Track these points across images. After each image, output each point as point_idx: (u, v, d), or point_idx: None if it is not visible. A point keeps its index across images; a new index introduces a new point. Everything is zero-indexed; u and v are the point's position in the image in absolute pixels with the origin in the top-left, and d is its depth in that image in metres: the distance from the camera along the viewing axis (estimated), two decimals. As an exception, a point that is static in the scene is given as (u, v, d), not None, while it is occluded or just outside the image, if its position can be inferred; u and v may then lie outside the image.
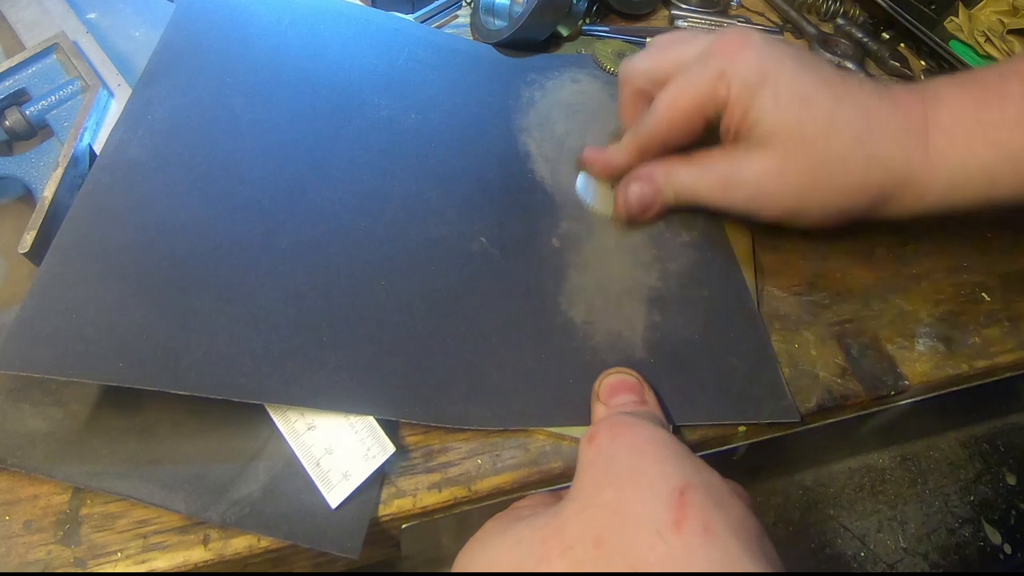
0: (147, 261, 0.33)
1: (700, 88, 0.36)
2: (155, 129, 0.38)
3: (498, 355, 0.35)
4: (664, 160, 0.40)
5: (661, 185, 0.39)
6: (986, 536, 0.45)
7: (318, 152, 0.41)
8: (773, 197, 0.37)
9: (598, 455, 0.28)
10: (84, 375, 0.30)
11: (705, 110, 0.37)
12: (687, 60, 0.38)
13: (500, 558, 0.27)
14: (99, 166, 0.36)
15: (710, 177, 0.38)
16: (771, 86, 0.35)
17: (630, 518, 0.25)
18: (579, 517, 0.26)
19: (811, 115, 0.35)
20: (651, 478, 0.26)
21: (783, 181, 0.36)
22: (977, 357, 0.40)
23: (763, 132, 0.36)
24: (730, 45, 0.37)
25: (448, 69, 0.48)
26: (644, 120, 0.39)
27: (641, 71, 0.40)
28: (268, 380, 0.32)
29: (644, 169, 0.40)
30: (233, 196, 0.37)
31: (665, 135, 0.38)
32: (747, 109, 0.36)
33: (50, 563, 0.29)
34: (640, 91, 0.41)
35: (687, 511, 0.24)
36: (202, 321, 0.32)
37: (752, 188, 0.37)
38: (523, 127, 0.46)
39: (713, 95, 0.36)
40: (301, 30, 0.46)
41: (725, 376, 0.36)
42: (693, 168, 0.39)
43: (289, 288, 0.35)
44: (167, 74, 0.40)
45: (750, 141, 0.37)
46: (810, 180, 0.36)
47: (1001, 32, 0.56)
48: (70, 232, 0.33)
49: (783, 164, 0.36)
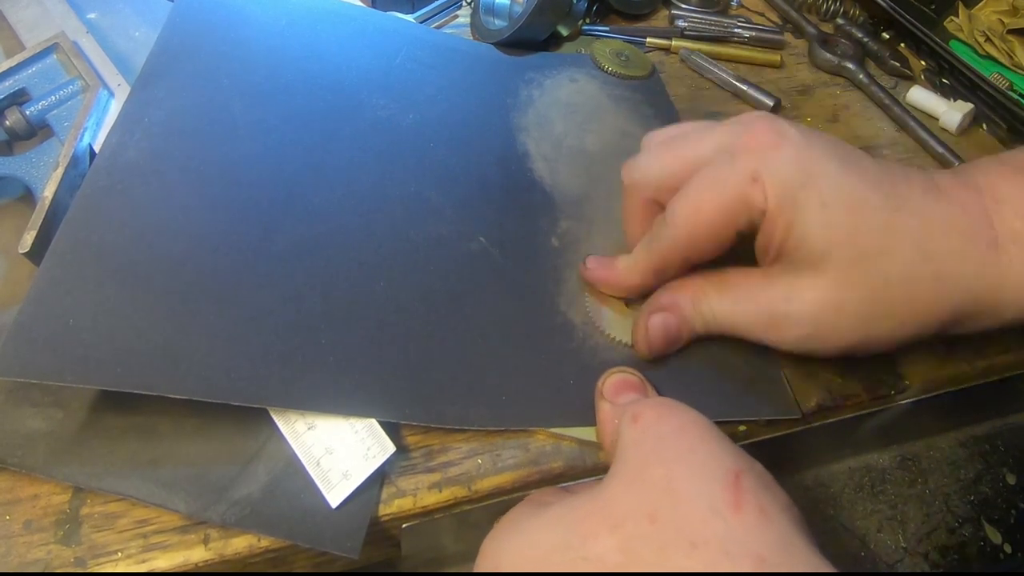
0: (145, 265, 0.33)
1: (729, 194, 0.31)
2: (152, 131, 0.38)
3: (497, 356, 0.35)
4: (690, 282, 0.34)
5: (689, 316, 0.34)
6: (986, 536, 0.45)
7: (316, 153, 0.40)
8: (832, 334, 0.32)
9: (643, 434, 0.28)
10: (82, 380, 0.30)
11: (736, 221, 0.31)
12: (705, 157, 0.32)
13: (537, 539, 0.26)
14: (96, 169, 0.36)
15: (750, 310, 0.33)
16: (817, 190, 0.30)
17: (684, 495, 0.25)
18: (627, 493, 0.26)
19: (867, 225, 0.30)
20: (701, 458, 0.26)
21: (843, 312, 0.31)
22: (977, 357, 0.40)
23: (812, 250, 0.30)
24: (761, 140, 0.31)
25: (446, 69, 0.48)
26: (660, 233, 0.33)
27: (650, 178, 0.34)
28: (267, 383, 0.31)
29: (667, 296, 0.35)
30: (230, 198, 0.37)
31: (686, 251, 0.33)
32: (791, 222, 0.30)
33: (50, 563, 0.29)
34: (650, 201, 0.35)
35: (744, 494, 0.24)
36: (200, 324, 0.32)
37: (807, 326, 0.31)
38: (522, 126, 0.46)
39: (746, 202, 0.31)
40: (298, 30, 0.46)
41: (725, 374, 0.36)
42: (728, 297, 0.33)
43: (288, 290, 0.35)
44: (164, 76, 0.40)
45: (797, 262, 0.31)
46: (873, 311, 0.31)
47: (1001, 32, 0.56)
48: (67, 236, 0.33)
49: (840, 293, 0.30)
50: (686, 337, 0.35)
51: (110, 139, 0.37)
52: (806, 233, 0.30)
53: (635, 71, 0.52)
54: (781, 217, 0.30)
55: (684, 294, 0.34)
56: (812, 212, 0.30)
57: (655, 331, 0.34)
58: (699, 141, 0.33)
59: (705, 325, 0.34)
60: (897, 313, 0.31)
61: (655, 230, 0.34)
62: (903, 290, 0.31)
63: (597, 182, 0.44)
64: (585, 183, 0.44)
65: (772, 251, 0.32)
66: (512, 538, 0.27)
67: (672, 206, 0.32)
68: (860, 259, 0.30)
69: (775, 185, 0.30)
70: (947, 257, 0.31)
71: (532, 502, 0.30)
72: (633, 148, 0.46)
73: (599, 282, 0.37)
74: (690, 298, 0.34)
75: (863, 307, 0.31)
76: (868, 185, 0.31)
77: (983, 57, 0.56)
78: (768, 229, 0.31)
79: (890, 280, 0.30)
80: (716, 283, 0.34)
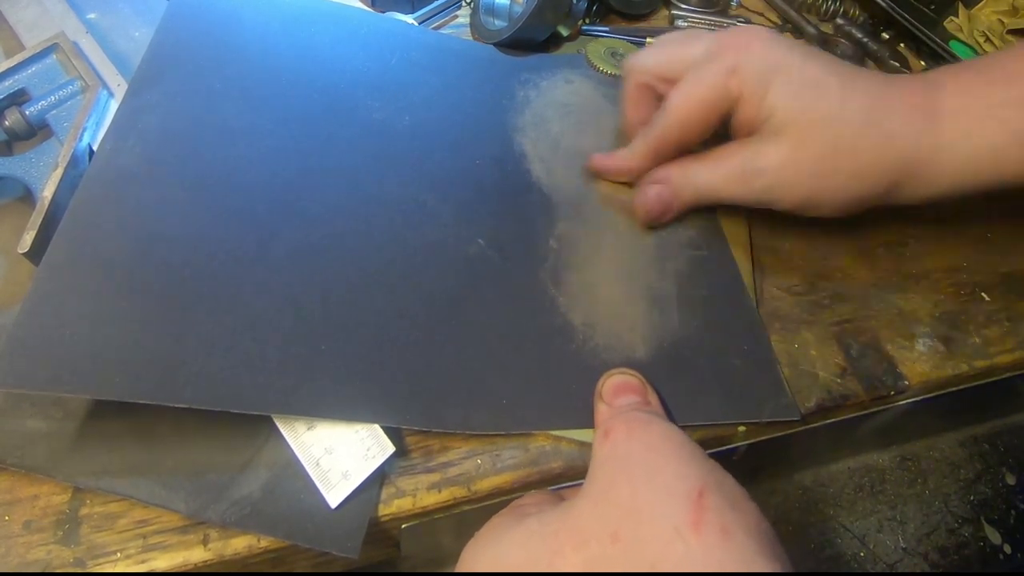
0: (141, 273, 0.33)
1: (713, 84, 0.37)
2: (146, 137, 0.37)
3: (497, 358, 0.35)
4: (678, 161, 0.40)
5: (678, 185, 0.40)
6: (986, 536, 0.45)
7: (312, 157, 0.40)
8: (790, 185, 0.37)
9: (613, 451, 0.28)
10: (80, 391, 0.29)
11: (719, 106, 0.37)
12: (694, 58, 0.38)
13: (511, 553, 0.27)
14: (89, 177, 0.35)
15: (727, 170, 0.38)
16: (782, 75, 0.36)
17: (647, 515, 0.25)
18: (594, 512, 0.26)
19: (822, 98, 0.36)
20: (668, 477, 0.26)
21: (799, 168, 0.36)
22: (977, 357, 0.40)
23: (778, 120, 0.36)
24: (738, 40, 0.37)
25: (441, 70, 0.48)
26: (656, 121, 0.39)
27: (647, 66, 0.40)
28: (267, 390, 0.31)
29: (660, 172, 0.40)
30: (226, 204, 0.37)
31: (679, 134, 0.39)
32: (761, 100, 0.36)
33: (50, 563, 0.29)
34: (644, 86, 0.41)
35: (705, 513, 0.25)
36: (198, 333, 0.32)
37: (770, 177, 0.37)
38: (518, 127, 0.46)
39: (726, 90, 0.36)
40: (292, 33, 0.46)
41: (725, 376, 0.36)
42: (709, 164, 0.39)
43: (286, 296, 0.34)
44: (157, 81, 0.40)
45: (764, 131, 0.37)
46: (824, 165, 0.36)
47: (1001, 32, 0.56)
48: (62, 245, 0.33)
49: (798, 150, 0.36)
50: (678, 205, 0.40)
51: (104, 146, 0.36)
52: (774, 106, 0.36)
53: None
54: (753, 97, 0.36)
55: (675, 168, 0.40)
56: (778, 90, 0.36)
57: (651, 198, 0.40)
58: (691, 44, 0.39)
59: (693, 193, 0.40)
60: (843, 169, 0.36)
61: (653, 120, 0.39)
62: (849, 150, 0.36)
63: (594, 182, 0.44)
64: (582, 183, 0.43)
65: (746, 127, 0.38)
66: (487, 549, 0.28)
67: (667, 99, 0.38)
68: (814, 124, 0.36)
69: (750, 73, 0.36)
70: (889, 124, 0.36)
71: (513, 511, 0.30)
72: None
73: (606, 169, 0.43)
74: (679, 171, 0.40)
75: (816, 164, 0.36)
76: (826, 71, 0.37)
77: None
78: (743, 109, 0.37)
79: (839, 142, 0.36)
80: (698, 157, 0.40)
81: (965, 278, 0.43)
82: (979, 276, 0.43)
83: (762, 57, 0.36)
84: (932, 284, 0.42)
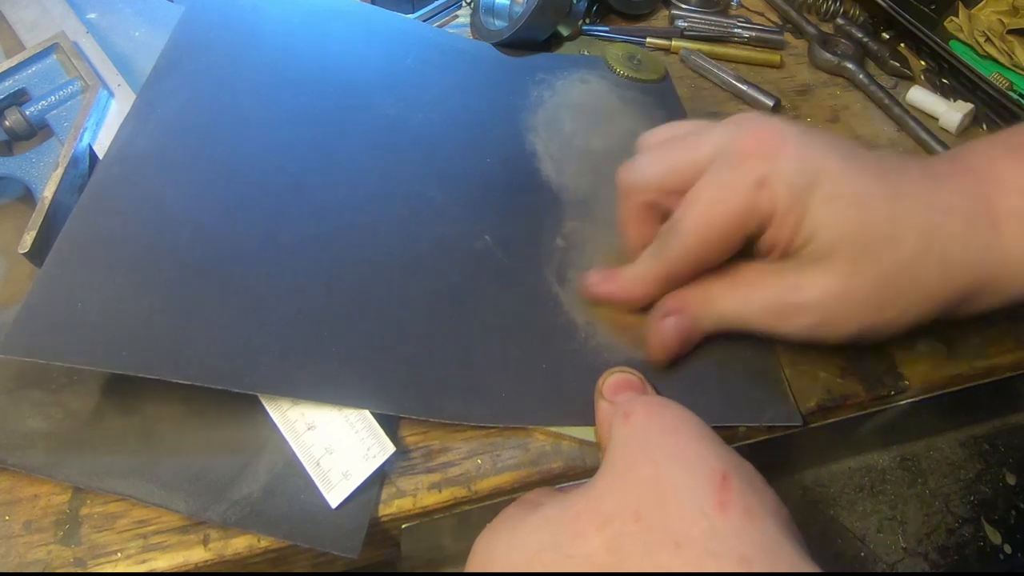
0: (153, 253, 0.34)
1: (739, 202, 0.31)
2: (164, 124, 0.38)
3: (499, 353, 0.35)
4: (695, 284, 0.35)
5: (699, 316, 0.34)
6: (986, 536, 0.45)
7: (323, 150, 0.41)
8: (841, 321, 0.32)
9: (632, 432, 0.28)
10: (87, 362, 0.30)
11: (746, 226, 0.32)
12: (704, 159, 0.33)
13: (529, 539, 0.26)
14: (108, 158, 0.36)
15: (759, 304, 0.33)
16: (823, 188, 0.31)
17: (671, 494, 0.25)
18: (615, 491, 0.26)
19: (872, 219, 0.31)
20: (689, 458, 0.26)
21: (851, 301, 0.32)
22: (977, 357, 0.40)
23: (822, 245, 0.31)
24: (762, 144, 0.32)
25: (455, 69, 0.48)
26: (668, 242, 0.33)
27: (650, 181, 0.34)
28: (269, 372, 0.32)
29: (675, 300, 0.35)
30: (238, 191, 0.37)
31: (696, 260, 0.33)
32: (799, 222, 0.31)
33: (50, 563, 0.29)
34: (647, 204, 0.35)
35: (730, 494, 0.24)
36: (205, 313, 0.33)
37: (816, 315, 0.32)
38: (530, 126, 0.46)
39: (754, 208, 0.31)
40: (309, 29, 0.47)
41: (727, 379, 0.36)
42: (737, 294, 0.34)
43: (292, 283, 0.35)
44: (177, 71, 0.41)
45: (804, 257, 0.32)
46: (881, 297, 0.32)
47: (1001, 32, 0.56)
48: (78, 223, 0.34)
49: (848, 281, 0.31)
50: (697, 337, 0.35)
51: (123, 130, 0.38)
52: (815, 230, 0.31)
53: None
54: (789, 216, 0.31)
55: (693, 294, 0.35)
56: (819, 209, 0.31)
57: (668, 334, 0.34)
58: (697, 143, 0.33)
59: (715, 323, 0.34)
60: (903, 298, 0.32)
61: (662, 239, 0.34)
62: (909, 276, 0.31)
63: (604, 182, 0.43)
64: (592, 183, 0.44)
65: (779, 248, 0.33)
66: (502, 537, 0.27)
67: (680, 215, 0.33)
68: (866, 249, 0.31)
69: (782, 188, 0.31)
70: (950, 241, 0.31)
71: (524, 503, 0.30)
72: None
73: (606, 298, 0.37)
74: (700, 298, 0.34)
75: (870, 294, 0.31)
76: (870, 178, 0.31)
77: (983, 57, 0.56)
78: (776, 230, 0.32)
79: (896, 267, 0.31)
80: (724, 281, 0.34)
81: (965, 278, 0.43)
82: (979, 276, 0.43)
83: (797, 167, 0.31)
84: (932, 284, 0.42)
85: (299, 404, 0.32)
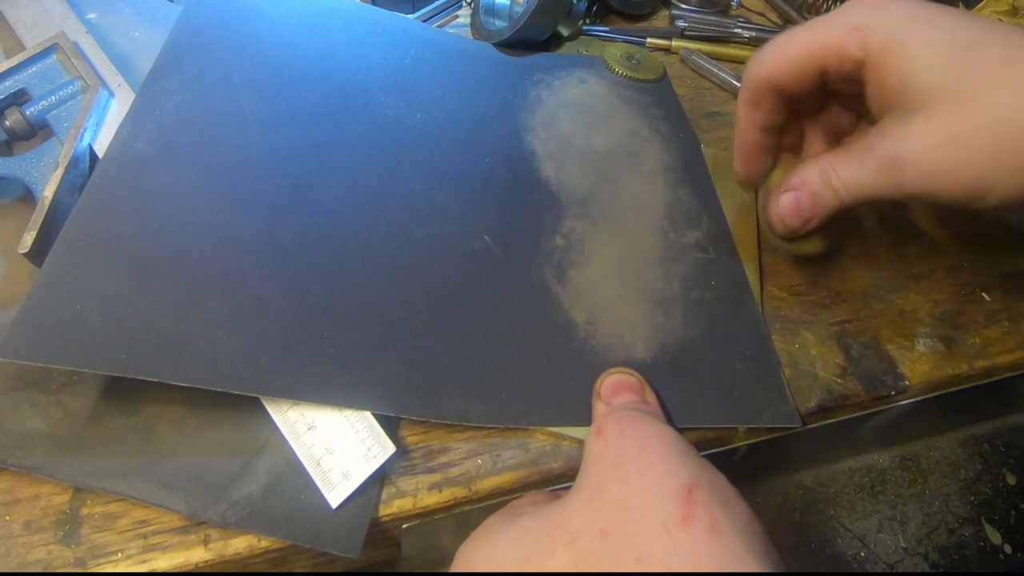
0: (152, 254, 0.34)
1: (826, 35, 0.32)
2: (163, 124, 0.38)
3: (499, 353, 0.35)
4: (812, 160, 0.35)
5: (818, 190, 0.34)
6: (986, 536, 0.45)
7: (323, 149, 0.41)
8: (955, 169, 0.30)
9: (606, 448, 0.28)
10: (87, 365, 0.30)
11: (823, 59, 0.32)
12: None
13: (505, 551, 0.27)
14: (107, 159, 0.36)
15: (871, 164, 0.32)
16: (919, 34, 0.30)
17: (637, 512, 0.25)
18: (585, 509, 0.26)
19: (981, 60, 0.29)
20: (659, 474, 0.26)
21: (959, 148, 0.30)
22: (977, 357, 0.40)
23: (922, 90, 0.30)
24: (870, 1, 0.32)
25: (455, 69, 0.49)
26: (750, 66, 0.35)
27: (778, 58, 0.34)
28: (269, 373, 0.32)
29: (795, 177, 0.35)
30: (238, 191, 0.37)
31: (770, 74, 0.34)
32: (898, 67, 0.30)
33: (50, 563, 0.29)
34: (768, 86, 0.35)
35: (695, 509, 0.24)
36: (205, 314, 0.32)
37: (925, 164, 0.30)
38: (529, 126, 0.46)
39: (840, 47, 0.31)
40: (309, 28, 0.47)
41: (727, 379, 0.36)
42: (850, 158, 0.33)
43: (292, 283, 0.35)
44: (176, 70, 0.41)
45: (905, 107, 0.31)
46: (995, 141, 0.29)
47: (1001, 32, 0.56)
48: (77, 224, 0.33)
49: (955, 127, 0.30)
50: (821, 212, 0.35)
51: (121, 130, 0.37)
52: (914, 72, 0.30)
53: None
54: (886, 61, 0.31)
55: (810, 170, 0.35)
56: (919, 52, 0.30)
57: (786, 208, 0.35)
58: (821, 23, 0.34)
59: (836, 195, 0.34)
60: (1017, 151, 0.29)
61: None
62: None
63: (603, 181, 0.44)
64: (591, 182, 0.44)
65: (883, 103, 0.32)
66: (482, 548, 0.28)
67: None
68: (975, 92, 0.29)
69: (878, 31, 0.31)
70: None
71: (509, 511, 0.30)
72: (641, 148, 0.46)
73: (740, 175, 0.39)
74: (817, 172, 0.34)
75: (984, 138, 0.30)
76: (980, 28, 0.30)
77: (983, 57, 0.56)
78: (875, 78, 0.31)
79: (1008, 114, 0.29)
80: (839, 152, 0.34)
81: (965, 278, 0.43)
82: (979, 276, 0.43)
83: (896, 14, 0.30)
84: (932, 284, 0.42)
85: (299, 404, 0.32)
